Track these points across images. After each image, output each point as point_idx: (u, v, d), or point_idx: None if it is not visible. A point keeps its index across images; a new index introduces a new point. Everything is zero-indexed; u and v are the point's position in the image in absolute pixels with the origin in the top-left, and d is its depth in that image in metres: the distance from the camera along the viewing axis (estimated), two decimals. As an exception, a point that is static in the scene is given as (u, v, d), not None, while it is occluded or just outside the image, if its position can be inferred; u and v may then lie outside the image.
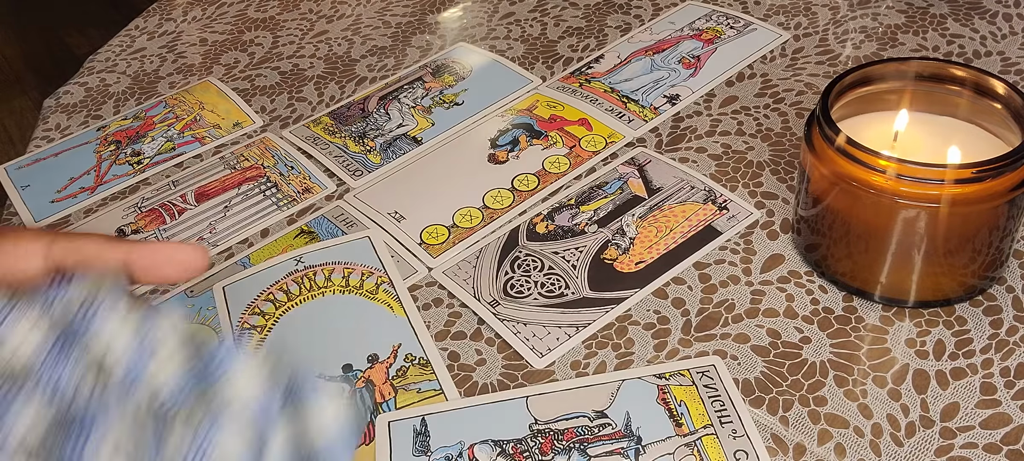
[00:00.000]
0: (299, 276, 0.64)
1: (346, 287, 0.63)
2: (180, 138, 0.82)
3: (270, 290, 0.63)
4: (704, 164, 0.71)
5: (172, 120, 0.84)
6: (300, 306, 0.62)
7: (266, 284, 0.64)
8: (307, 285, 0.63)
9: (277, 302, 0.62)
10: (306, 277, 0.64)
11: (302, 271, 0.64)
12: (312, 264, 0.65)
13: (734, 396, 0.54)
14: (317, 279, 0.64)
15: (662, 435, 0.53)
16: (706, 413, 0.53)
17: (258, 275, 0.65)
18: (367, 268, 0.64)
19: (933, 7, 0.86)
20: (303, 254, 0.66)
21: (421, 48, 0.90)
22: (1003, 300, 0.59)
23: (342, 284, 0.63)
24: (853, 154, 0.55)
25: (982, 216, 0.55)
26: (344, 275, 0.64)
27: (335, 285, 0.63)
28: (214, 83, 0.88)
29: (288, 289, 0.63)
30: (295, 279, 0.64)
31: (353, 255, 0.66)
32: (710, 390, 0.55)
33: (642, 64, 0.83)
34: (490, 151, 0.75)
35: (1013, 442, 0.51)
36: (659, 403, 0.54)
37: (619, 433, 0.53)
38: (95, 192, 0.77)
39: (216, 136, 0.81)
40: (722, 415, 0.53)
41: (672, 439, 0.52)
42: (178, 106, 0.86)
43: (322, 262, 0.65)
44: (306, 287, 0.63)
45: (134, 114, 0.86)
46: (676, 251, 0.64)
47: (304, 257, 0.66)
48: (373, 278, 0.63)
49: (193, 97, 0.87)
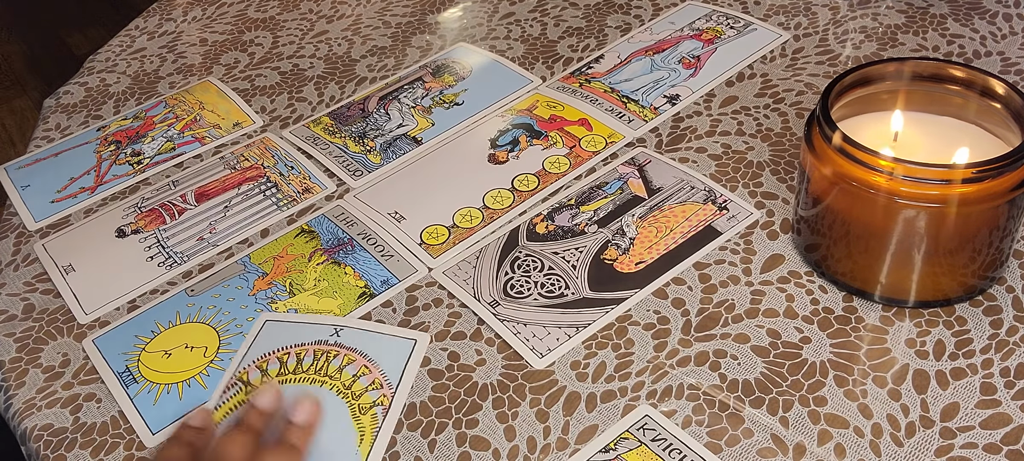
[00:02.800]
0: (320, 350, 0.60)
1: (344, 389, 0.58)
2: (180, 138, 0.82)
3: (288, 350, 0.60)
4: (704, 164, 0.71)
5: (172, 120, 0.84)
6: (291, 384, 0.58)
7: (297, 340, 0.61)
8: (316, 366, 0.59)
9: (283, 367, 0.60)
10: (323, 353, 0.60)
11: (330, 345, 0.60)
12: (344, 343, 0.60)
13: (681, 436, 0.53)
14: (330, 364, 0.59)
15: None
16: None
17: (297, 327, 0.62)
18: (381, 377, 0.58)
19: (933, 7, 0.86)
20: (343, 327, 0.61)
21: (421, 48, 0.90)
22: (1003, 300, 0.59)
23: (343, 383, 0.58)
24: (853, 154, 0.55)
25: (982, 216, 0.55)
26: (354, 375, 0.58)
27: (337, 381, 0.58)
28: (214, 83, 0.88)
29: (300, 359, 0.60)
30: (316, 351, 0.60)
31: (384, 354, 0.60)
32: (660, 442, 0.53)
33: (642, 64, 0.83)
34: (490, 151, 0.75)
35: (1013, 442, 0.51)
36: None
37: None
38: (95, 192, 0.77)
39: (216, 136, 0.81)
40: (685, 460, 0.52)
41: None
42: (178, 106, 0.86)
43: (352, 347, 0.60)
44: (311, 366, 0.59)
45: (134, 114, 0.86)
46: (676, 251, 0.64)
47: (342, 331, 0.61)
48: (377, 393, 0.57)
49: (193, 97, 0.87)
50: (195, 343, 0.62)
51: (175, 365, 0.61)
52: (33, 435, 0.58)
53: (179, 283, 0.67)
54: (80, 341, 0.64)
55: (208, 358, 0.61)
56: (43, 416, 0.59)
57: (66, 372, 0.62)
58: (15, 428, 0.60)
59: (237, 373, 0.60)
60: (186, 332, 0.63)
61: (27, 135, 2.24)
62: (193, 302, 0.65)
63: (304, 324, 0.62)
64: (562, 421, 0.55)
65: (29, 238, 0.74)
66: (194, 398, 0.59)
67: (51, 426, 0.58)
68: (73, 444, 0.57)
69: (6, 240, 0.74)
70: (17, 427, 0.60)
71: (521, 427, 0.55)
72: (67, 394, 0.60)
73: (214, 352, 0.61)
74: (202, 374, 0.60)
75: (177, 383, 0.60)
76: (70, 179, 0.79)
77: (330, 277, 0.66)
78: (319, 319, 0.62)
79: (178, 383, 0.60)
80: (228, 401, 0.58)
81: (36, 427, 0.59)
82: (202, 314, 0.64)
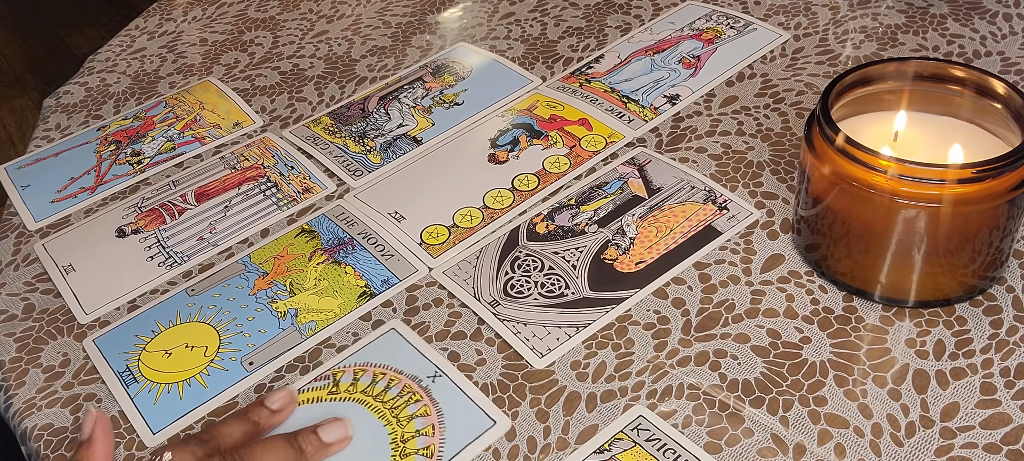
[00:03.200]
0: (408, 387, 0.58)
1: (397, 428, 0.55)
2: (180, 138, 0.82)
3: (384, 370, 0.59)
4: (704, 164, 0.71)
5: (172, 120, 0.84)
6: (349, 401, 0.57)
7: (397, 364, 0.59)
8: (394, 400, 0.57)
9: (356, 382, 0.58)
10: (409, 391, 0.57)
11: (418, 388, 0.58)
12: (431, 392, 0.57)
13: (675, 436, 0.53)
14: (405, 407, 0.56)
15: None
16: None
17: (408, 353, 0.60)
18: (439, 443, 0.54)
19: (933, 7, 0.86)
20: (440, 375, 0.58)
21: (421, 48, 0.90)
22: (1003, 300, 0.59)
23: (402, 425, 0.55)
24: (853, 154, 0.55)
25: (982, 216, 0.55)
26: (418, 430, 0.55)
27: (400, 428, 0.55)
28: (214, 83, 0.88)
29: (387, 386, 0.57)
30: (404, 387, 0.57)
31: (458, 420, 0.56)
32: (654, 442, 0.53)
33: (642, 64, 0.83)
34: (490, 151, 0.75)
35: (1013, 442, 0.51)
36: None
37: None
38: (95, 192, 0.77)
39: (216, 136, 0.81)
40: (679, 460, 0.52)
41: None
42: (178, 106, 0.86)
43: (435, 399, 0.57)
44: (387, 395, 0.57)
45: (134, 114, 0.86)
46: (676, 251, 0.64)
47: (438, 379, 0.58)
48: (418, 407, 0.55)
49: (193, 97, 0.87)
50: (196, 343, 0.62)
51: (176, 365, 0.61)
52: (33, 435, 0.58)
53: (179, 283, 0.67)
54: (80, 341, 0.64)
55: (209, 358, 0.61)
56: (43, 416, 0.59)
57: (66, 372, 0.62)
58: (15, 428, 0.60)
59: (332, 369, 0.59)
60: (186, 332, 0.63)
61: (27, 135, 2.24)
62: (193, 302, 0.65)
63: (416, 353, 0.60)
64: (562, 421, 0.55)
65: (29, 238, 0.74)
66: (195, 397, 0.59)
67: (51, 426, 0.58)
68: (73, 444, 0.57)
69: (6, 240, 0.74)
70: (17, 427, 0.60)
71: (521, 427, 0.55)
72: (67, 394, 0.60)
73: (214, 352, 0.62)
74: (203, 373, 0.60)
75: (177, 383, 0.60)
76: (70, 179, 0.79)
77: (330, 277, 0.66)
78: (430, 354, 0.59)
79: (178, 383, 0.60)
80: (310, 389, 0.58)
81: (36, 427, 0.59)
82: (202, 314, 0.64)
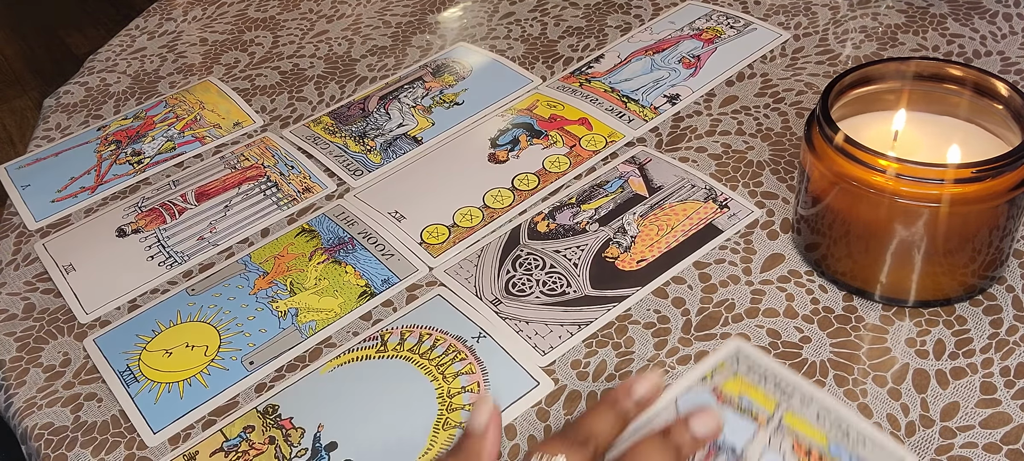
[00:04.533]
0: None
1: (443, 385, 0.57)
2: (180, 138, 0.82)
3: None
4: (704, 164, 0.71)
5: (172, 120, 0.84)
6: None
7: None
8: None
9: None
10: (455, 350, 0.59)
11: (463, 348, 0.60)
12: (476, 351, 0.59)
13: (773, 368, 0.52)
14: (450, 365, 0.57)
15: (749, 434, 0.50)
16: (766, 395, 0.50)
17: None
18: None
19: (933, 7, 0.86)
20: (484, 336, 0.60)
21: (421, 48, 0.90)
22: (1003, 300, 0.59)
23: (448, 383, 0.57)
24: (853, 154, 0.55)
25: (982, 216, 0.55)
26: (463, 387, 0.57)
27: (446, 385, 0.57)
28: (214, 83, 0.88)
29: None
30: None
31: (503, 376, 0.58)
32: (755, 372, 0.52)
33: (642, 64, 0.83)
34: (490, 151, 0.75)
35: (1013, 441, 0.51)
36: (722, 406, 0.51)
37: (712, 452, 0.49)
38: (95, 192, 0.77)
39: (216, 136, 0.81)
40: (781, 389, 0.50)
41: (759, 434, 0.50)
42: (178, 106, 0.86)
43: (480, 358, 0.59)
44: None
45: (134, 114, 0.86)
46: (677, 249, 0.64)
47: (482, 339, 0.60)
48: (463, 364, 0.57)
49: (193, 97, 0.87)
50: (196, 342, 0.62)
51: (176, 364, 0.61)
52: (34, 434, 0.58)
53: (180, 282, 0.67)
54: (81, 340, 0.64)
55: (209, 357, 0.61)
56: (44, 415, 0.59)
57: (67, 371, 0.62)
58: (15, 427, 0.60)
59: (380, 331, 0.59)
60: (187, 331, 0.63)
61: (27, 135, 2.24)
62: (194, 301, 0.65)
63: (461, 316, 0.61)
64: (563, 420, 0.55)
65: (29, 238, 0.74)
66: (195, 397, 0.59)
67: (52, 425, 0.59)
68: (74, 443, 0.57)
69: (6, 240, 0.74)
70: (17, 426, 0.60)
71: (522, 426, 0.55)
72: (68, 393, 0.60)
73: (215, 351, 0.62)
74: (203, 373, 0.60)
75: (178, 382, 0.60)
76: (70, 179, 0.79)
77: (331, 276, 0.66)
78: (475, 317, 0.60)
79: (179, 382, 0.60)
80: (359, 349, 0.59)
81: (37, 426, 0.59)
82: (203, 313, 0.64)
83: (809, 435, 0.49)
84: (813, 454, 0.49)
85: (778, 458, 0.49)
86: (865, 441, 0.47)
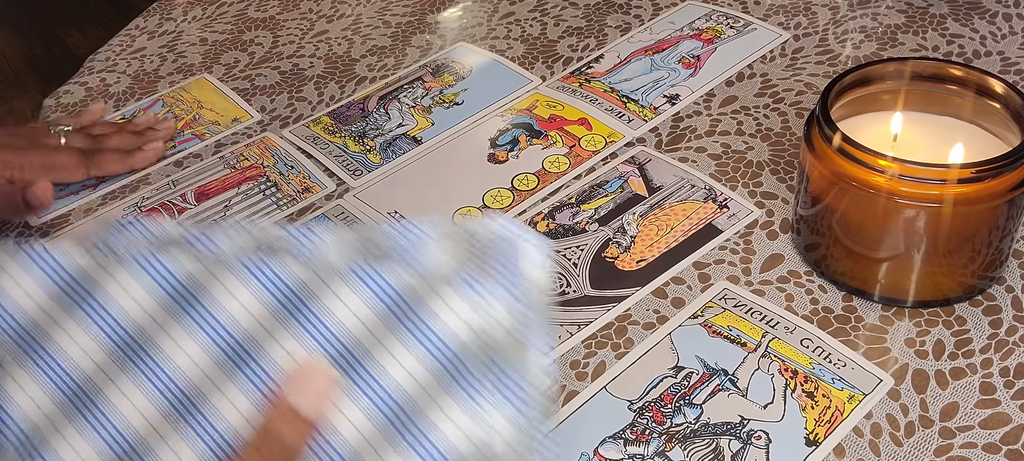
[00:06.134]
0: None
1: None
2: (180, 136, 0.82)
3: None
4: (704, 164, 0.71)
5: (171, 119, 0.84)
6: None
7: None
8: None
9: None
10: None
11: None
12: None
13: (758, 301, 0.59)
14: None
15: (738, 359, 0.56)
16: (755, 325, 0.58)
17: None
18: None
19: (933, 7, 0.86)
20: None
21: (421, 48, 0.90)
22: (1003, 300, 0.59)
23: None
24: (853, 154, 0.55)
25: (982, 216, 0.55)
26: None
27: None
28: (210, 80, 0.88)
29: None
30: None
31: None
32: (741, 307, 0.59)
33: (642, 64, 0.83)
34: (490, 151, 0.75)
35: (1012, 442, 0.51)
36: (714, 337, 0.57)
37: (706, 375, 0.55)
38: (95, 190, 0.77)
39: (215, 132, 0.81)
40: (766, 321, 0.58)
41: (748, 358, 0.56)
42: (176, 105, 0.86)
43: None
44: None
45: (132, 114, 0.86)
46: (677, 249, 0.64)
47: None
48: None
49: (190, 95, 0.87)
50: (195, 342, 0.62)
51: (175, 364, 0.61)
52: (33, 434, 0.58)
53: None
54: (80, 340, 0.64)
55: (208, 357, 0.61)
56: (43, 415, 0.59)
57: (66, 371, 0.62)
58: (15, 427, 0.60)
59: None
60: (186, 331, 0.63)
61: (27, 135, 2.23)
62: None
63: None
64: (562, 420, 0.55)
65: (29, 237, 0.74)
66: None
67: (51, 425, 0.58)
68: (73, 443, 0.57)
69: (6, 240, 0.74)
70: (17, 426, 0.59)
71: (521, 426, 0.55)
72: (67, 393, 0.60)
73: (214, 351, 0.61)
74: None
75: (177, 382, 0.60)
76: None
77: (330, 276, 0.66)
78: None
79: (178, 382, 0.60)
80: None
81: (36, 426, 0.58)
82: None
83: (794, 359, 0.55)
84: (799, 375, 0.55)
85: (767, 378, 0.55)
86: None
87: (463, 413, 0.36)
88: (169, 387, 0.37)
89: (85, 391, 0.36)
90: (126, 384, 0.37)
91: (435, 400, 0.36)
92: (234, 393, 0.37)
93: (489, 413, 0.36)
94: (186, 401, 0.37)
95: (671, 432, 0.53)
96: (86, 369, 0.37)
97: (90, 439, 0.36)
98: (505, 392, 0.36)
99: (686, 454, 0.51)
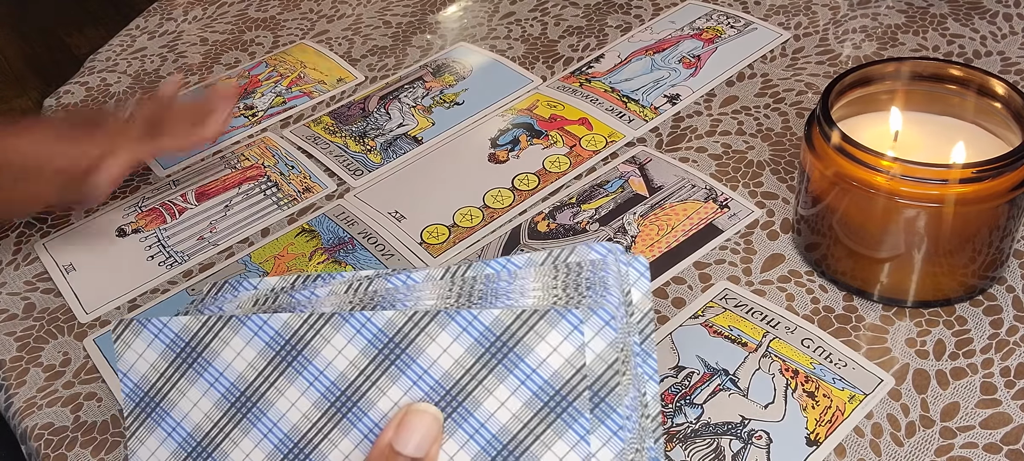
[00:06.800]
0: None
1: None
2: (289, 93, 0.84)
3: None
4: (704, 164, 0.71)
5: (276, 78, 0.86)
6: None
7: None
8: None
9: None
10: None
11: None
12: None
13: (758, 301, 0.59)
14: None
15: (739, 359, 0.56)
16: (756, 325, 0.58)
17: None
18: None
19: (933, 7, 0.86)
20: None
21: (421, 48, 0.90)
22: (1003, 300, 0.59)
23: None
24: (853, 154, 0.55)
25: (982, 216, 0.55)
26: None
27: None
28: (310, 44, 0.92)
29: None
30: None
31: None
32: (742, 307, 0.59)
33: (642, 64, 0.83)
34: (490, 151, 0.75)
35: (1013, 442, 0.51)
36: (714, 337, 0.58)
37: (707, 375, 0.55)
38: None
39: (322, 90, 0.84)
40: (767, 321, 0.58)
41: (749, 358, 0.56)
42: (280, 65, 0.88)
43: None
44: None
45: (238, 74, 0.88)
46: (677, 249, 0.64)
47: None
48: None
49: (293, 57, 0.90)
50: (196, 342, 0.62)
51: (176, 364, 0.61)
52: (33, 434, 0.58)
53: (180, 282, 0.67)
54: (81, 340, 0.64)
55: (209, 357, 0.61)
56: (44, 415, 0.59)
57: (67, 371, 0.62)
58: (15, 427, 0.60)
59: None
60: (187, 331, 0.63)
61: (27, 135, 2.23)
62: (194, 301, 0.65)
63: None
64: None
65: (30, 237, 0.74)
66: (195, 397, 0.59)
67: (52, 425, 0.59)
68: (74, 443, 0.57)
69: (6, 239, 0.74)
70: (17, 426, 0.60)
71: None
72: (68, 393, 0.60)
73: (215, 351, 0.62)
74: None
75: (178, 382, 0.60)
76: (71, 178, 0.79)
77: (330, 276, 0.66)
78: None
79: (179, 382, 0.60)
80: None
81: (36, 426, 0.59)
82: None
83: (794, 359, 0.56)
84: (800, 375, 0.55)
85: (768, 378, 0.55)
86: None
87: (567, 447, 0.37)
88: (279, 436, 0.40)
89: (202, 446, 0.42)
90: (239, 435, 0.41)
91: (539, 437, 0.37)
92: (339, 438, 0.39)
93: (594, 446, 0.37)
94: (295, 449, 0.40)
95: (672, 432, 0.53)
96: (202, 426, 0.41)
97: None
98: (609, 425, 0.37)
99: (687, 454, 0.51)
